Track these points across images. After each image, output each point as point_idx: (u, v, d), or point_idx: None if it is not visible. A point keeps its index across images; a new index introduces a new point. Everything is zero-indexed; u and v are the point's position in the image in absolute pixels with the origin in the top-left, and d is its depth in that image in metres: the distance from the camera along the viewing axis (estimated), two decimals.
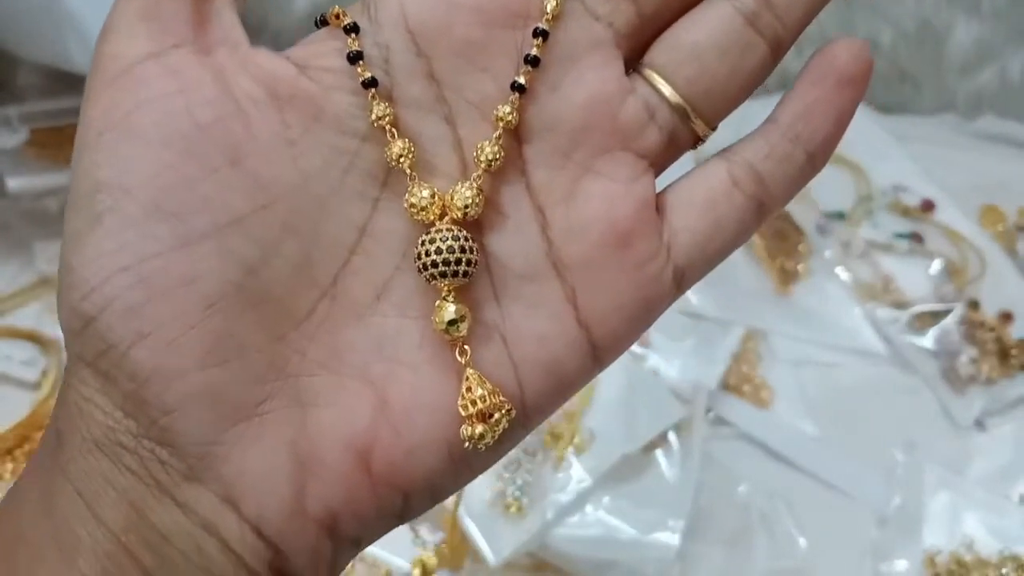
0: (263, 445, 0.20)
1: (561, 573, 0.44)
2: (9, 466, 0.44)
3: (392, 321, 0.21)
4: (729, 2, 0.22)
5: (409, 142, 0.21)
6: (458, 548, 0.44)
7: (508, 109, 0.21)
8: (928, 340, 0.54)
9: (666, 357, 0.52)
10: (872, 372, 0.54)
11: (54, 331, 0.49)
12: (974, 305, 0.55)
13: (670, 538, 0.44)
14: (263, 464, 0.20)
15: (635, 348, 0.50)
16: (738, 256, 0.58)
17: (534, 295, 0.22)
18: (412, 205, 0.21)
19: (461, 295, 0.21)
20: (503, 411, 0.21)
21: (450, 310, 0.21)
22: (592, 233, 0.22)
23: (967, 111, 0.69)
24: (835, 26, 0.66)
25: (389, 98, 0.21)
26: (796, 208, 0.60)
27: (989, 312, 0.56)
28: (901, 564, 0.45)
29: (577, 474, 0.46)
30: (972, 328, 0.54)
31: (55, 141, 0.53)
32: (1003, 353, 0.54)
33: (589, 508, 0.45)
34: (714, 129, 0.23)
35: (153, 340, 0.19)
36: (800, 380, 0.53)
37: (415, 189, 0.21)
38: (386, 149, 0.21)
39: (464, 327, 0.21)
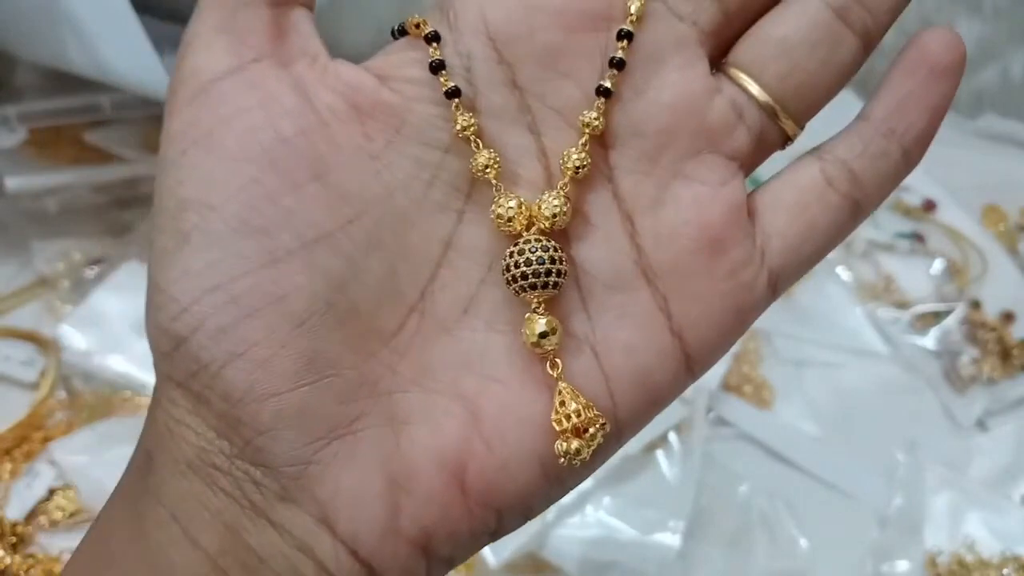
0: (356, 464, 0.20)
1: (561, 574, 0.44)
2: (8, 466, 0.44)
3: (481, 335, 0.21)
4: None
5: (494, 152, 0.21)
6: None
7: (594, 115, 0.20)
8: (930, 340, 0.54)
9: None
10: (873, 372, 0.54)
11: (52, 331, 0.49)
12: (976, 305, 0.55)
13: (671, 539, 0.44)
14: (357, 483, 0.20)
15: None
16: None
17: (624, 305, 0.21)
18: (499, 216, 0.20)
19: (550, 307, 0.21)
20: (598, 425, 0.20)
21: (540, 323, 0.20)
22: (683, 239, 0.21)
23: (968, 110, 0.69)
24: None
25: (472, 108, 0.21)
26: None
27: (991, 312, 0.55)
28: (902, 565, 0.45)
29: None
30: (974, 328, 0.54)
31: (53, 141, 0.53)
32: (1005, 353, 0.53)
33: (589, 508, 0.45)
34: (802, 128, 0.22)
35: (246, 360, 0.19)
36: (801, 380, 0.53)
37: (501, 199, 0.20)
38: (471, 160, 0.20)
39: (555, 340, 0.20)
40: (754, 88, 0.21)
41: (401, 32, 0.21)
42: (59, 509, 0.42)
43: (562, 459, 0.20)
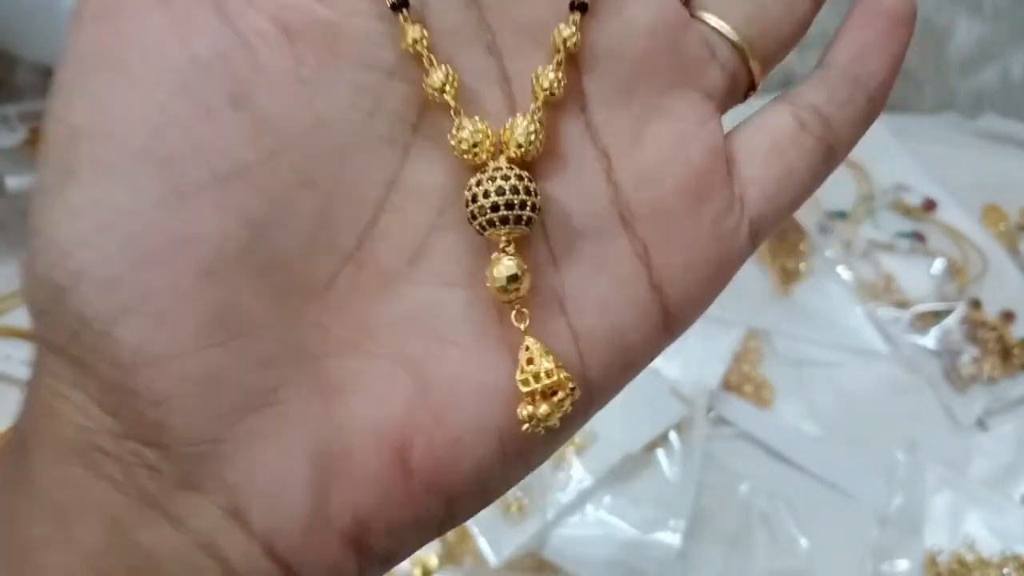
0: (277, 442, 0.17)
1: (562, 573, 0.44)
2: None
3: (430, 289, 0.18)
4: None
5: (451, 69, 0.18)
6: (458, 548, 0.44)
7: (571, 30, 0.18)
8: (930, 340, 0.54)
9: (667, 356, 0.51)
10: (874, 372, 0.54)
11: None
12: (976, 304, 0.55)
13: (671, 538, 0.44)
14: (277, 465, 0.17)
15: None
16: None
17: (599, 253, 0.19)
18: (461, 141, 0.18)
19: (517, 250, 0.18)
20: (569, 389, 0.18)
21: (508, 264, 0.17)
22: (665, 180, 0.19)
23: (968, 110, 0.69)
24: (836, 24, 0.66)
25: (422, 25, 0.18)
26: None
27: (991, 311, 0.55)
28: (902, 564, 0.45)
29: (578, 474, 0.46)
30: (974, 327, 0.54)
31: None
32: (1005, 352, 0.53)
33: (590, 508, 0.45)
34: (765, 76, 0.21)
35: (140, 315, 0.16)
36: (801, 380, 0.53)
37: (463, 122, 0.18)
38: (424, 80, 0.18)
39: (525, 285, 0.18)
40: (724, 27, 0.20)
41: None
42: None
43: (527, 425, 0.17)
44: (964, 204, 0.62)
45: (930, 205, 0.61)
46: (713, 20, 0.20)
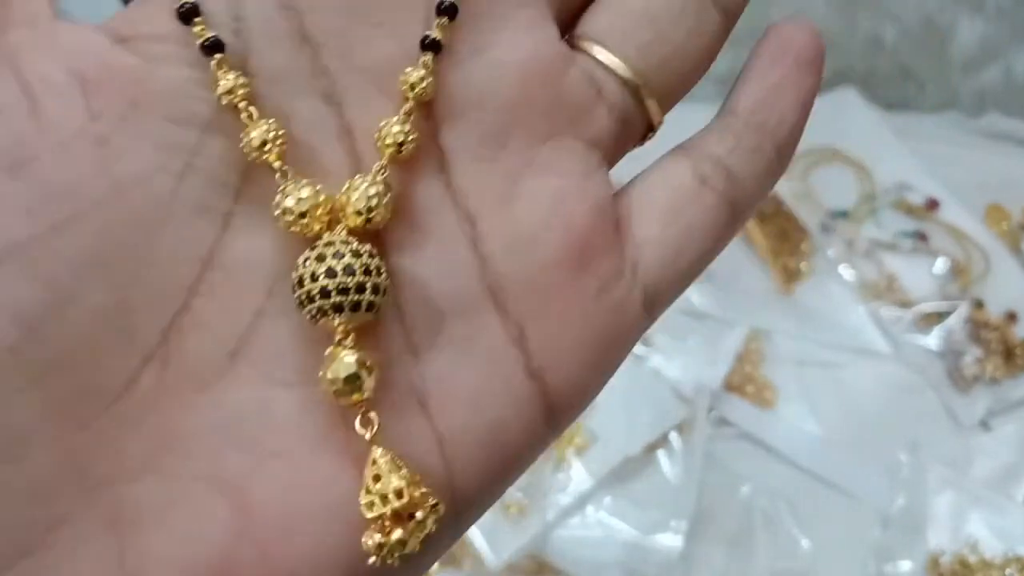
0: None
1: (562, 574, 0.44)
2: None
3: (254, 390, 0.15)
4: None
5: (275, 123, 0.15)
6: (458, 549, 0.44)
7: (421, 73, 0.15)
8: (932, 340, 0.54)
9: (668, 357, 0.52)
10: (876, 372, 0.54)
11: None
12: (979, 304, 0.55)
13: (672, 539, 0.44)
14: None
15: (637, 348, 0.50)
16: (741, 255, 0.58)
17: (466, 337, 0.16)
18: (287, 211, 0.15)
19: (361, 340, 0.15)
20: (428, 508, 0.15)
21: (347, 361, 0.14)
22: (541, 247, 0.16)
23: (971, 109, 0.69)
24: (837, 23, 0.66)
25: (243, 70, 0.15)
26: (799, 207, 0.60)
27: (994, 311, 0.55)
28: (905, 565, 0.45)
29: (578, 475, 0.45)
30: (976, 327, 0.54)
31: None
32: (1008, 353, 0.53)
33: (590, 509, 0.45)
34: (663, 116, 0.19)
35: None
36: (803, 380, 0.53)
37: (289, 187, 0.15)
38: (242, 136, 0.15)
39: (369, 384, 0.15)
40: (614, 61, 0.17)
41: None
42: None
43: (375, 557, 0.14)
44: (967, 203, 0.61)
45: (933, 204, 0.61)
46: (600, 53, 0.17)
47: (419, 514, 0.14)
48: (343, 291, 0.14)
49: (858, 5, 0.66)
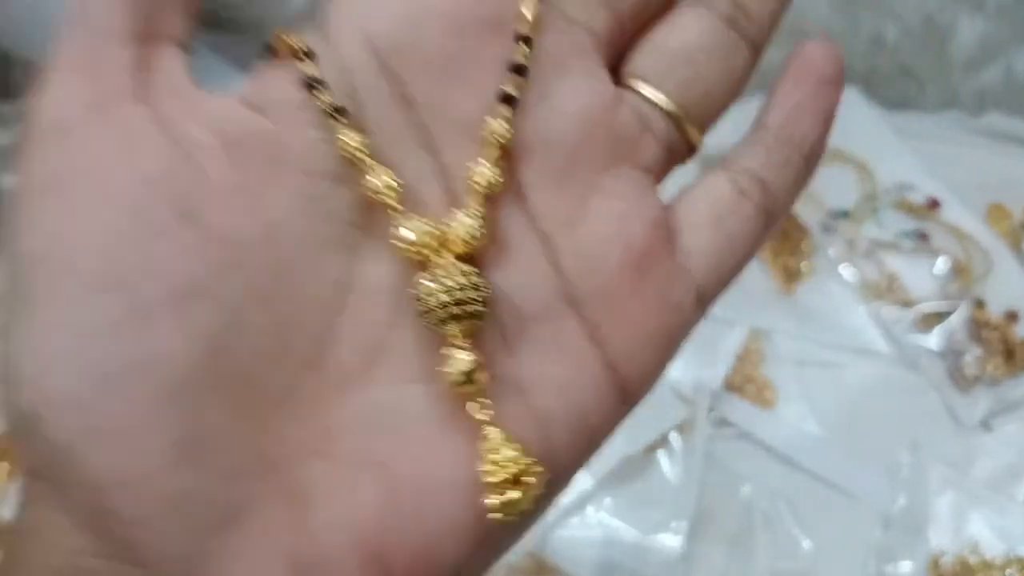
0: (253, 555, 0.17)
1: (562, 574, 0.44)
2: (5, 466, 0.44)
3: (390, 388, 0.18)
4: (703, 6, 0.21)
5: (390, 171, 0.18)
6: None
7: (501, 123, 0.19)
8: (933, 339, 0.54)
9: None
10: (876, 372, 0.54)
11: None
12: (980, 304, 0.55)
13: (673, 539, 0.44)
14: None
15: None
16: None
17: (551, 337, 0.19)
18: (405, 242, 0.18)
19: (470, 343, 0.18)
20: (535, 473, 0.18)
21: (463, 359, 0.18)
22: (608, 259, 0.19)
23: (972, 108, 0.69)
24: (839, 23, 0.66)
25: (359, 129, 0.18)
26: (800, 206, 0.60)
27: (995, 311, 0.55)
28: (906, 565, 0.45)
29: (578, 475, 0.45)
30: (978, 327, 0.54)
31: None
32: (1009, 352, 0.53)
33: (590, 509, 0.45)
34: (701, 141, 0.22)
35: (108, 439, 0.16)
36: (804, 380, 0.53)
37: (405, 222, 0.18)
38: (364, 183, 0.18)
39: (481, 378, 0.18)
40: (659, 96, 0.20)
41: (270, 51, 0.19)
42: None
43: (497, 514, 0.18)
44: (968, 203, 0.61)
45: (934, 204, 0.61)
46: (646, 90, 0.20)
47: (529, 478, 0.18)
48: (459, 303, 0.18)
49: (859, 5, 0.66)
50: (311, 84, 0.18)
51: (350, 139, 0.18)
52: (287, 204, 0.18)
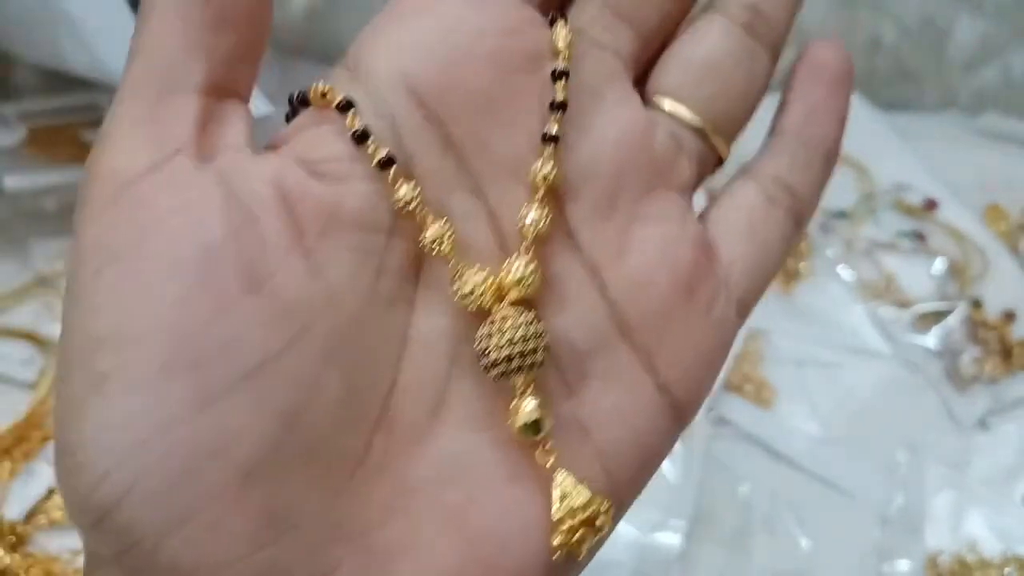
0: None
1: None
2: (7, 466, 0.44)
3: (456, 439, 0.18)
4: (721, 15, 0.21)
5: (445, 222, 0.18)
6: None
7: (550, 166, 0.18)
8: (931, 339, 0.54)
9: None
10: (874, 372, 0.54)
11: (51, 331, 0.49)
12: (977, 304, 0.55)
13: (671, 538, 0.44)
14: None
15: None
16: None
17: (607, 369, 0.19)
18: (467, 294, 0.18)
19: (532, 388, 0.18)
20: (603, 511, 0.18)
21: (529, 409, 0.18)
22: (657, 285, 0.19)
23: (970, 109, 0.69)
24: (837, 23, 0.66)
25: (408, 177, 0.18)
26: None
27: (992, 311, 0.55)
28: (903, 565, 0.45)
29: None
30: (975, 327, 0.54)
31: (52, 140, 0.53)
32: (1006, 352, 0.53)
33: None
34: (728, 152, 0.22)
35: (191, 527, 0.15)
36: (802, 380, 0.53)
37: (466, 275, 0.18)
38: (422, 235, 0.18)
39: (548, 424, 0.18)
40: (687, 113, 0.21)
41: (303, 102, 0.19)
42: (58, 508, 0.42)
43: (573, 556, 0.18)
44: (965, 203, 0.61)
45: (931, 204, 0.61)
46: (675, 108, 0.21)
47: (599, 519, 0.18)
48: (521, 355, 0.18)
49: (857, 5, 0.66)
50: (360, 136, 0.18)
51: (406, 191, 0.18)
52: (346, 263, 0.17)
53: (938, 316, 0.55)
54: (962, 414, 0.51)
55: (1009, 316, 0.55)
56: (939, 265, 0.58)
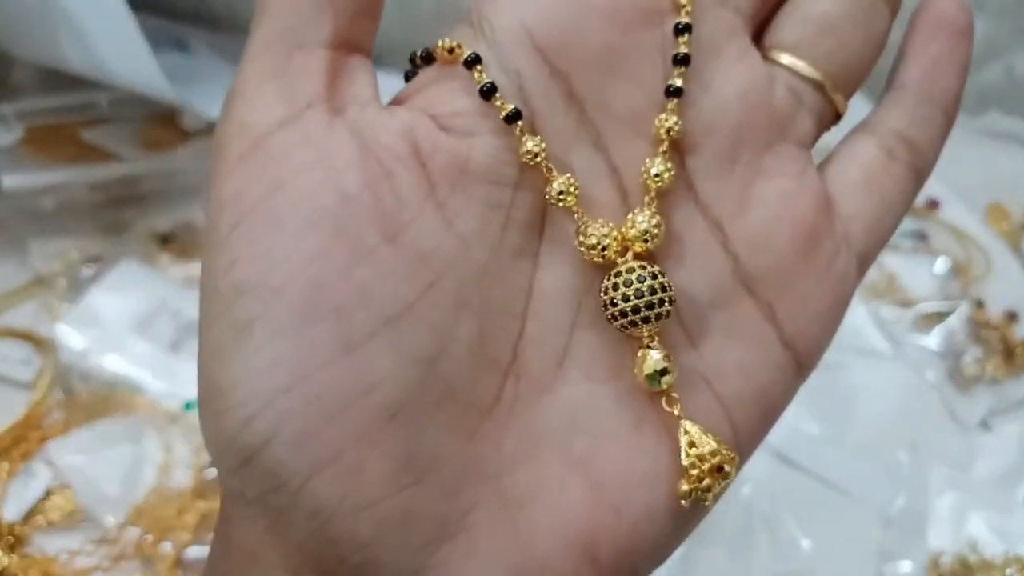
0: (476, 562, 0.17)
1: None
2: (5, 466, 0.44)
3: (582, 388, 0.19)
4: None
5: (571, 176, 0.18)
6: None
7: (674, 119, 0.19)
8: (933, 339, 0.54)
9: None
10: (876, 372, 0.53)
11: (49, 330, 0.49)
12: (979, 304, 0.55)
13: None
14: None
15: None
16: None
17: (729, 323, 0.19)
18: (592, 247, 0.18)
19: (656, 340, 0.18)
20: (730, 460, 0.18)
21: (656, 358, 0.18)
22: (778, 239, 0.20)
23: (973, 108, 0.68)
24: None
25: (533, 131, 0.18)
26: None
27: (994, 311, 0.55)
28: (905, 565, 0.45)
29: None
30: (977, 327, 0.54)
31: (50, 139, 0.53)
32: (1008, 352, 0.53)
33: None
34: (847, 107, 0.22)
35: (334, 469, 0.16)
36: None
37: (590, 228, 0.18)
38: (548, 189, 0.18)
39: (674, 374, 0.18)
40: (807, 68, 0.20)
41: (426, 59, 0.19)
42: (56, 509, 0.42)
43: (700, 502, 0.18)
44: (968, 203, 0.61)
45: (933, 204, 0.61)
46: (795, 63, 0.20)
47: (726, 467, 0.18)
48: (649, 306, 0.18)
49: None
50: (487, 91, 0.18)
51: (533, 144, 0.18)
52: (476, 215, 0.18)
53: (940, 316, 0.55)
54: (964, 414, 0.51)
55: (1011, 316, 0.55)
56: (941, 265, 0.58)
